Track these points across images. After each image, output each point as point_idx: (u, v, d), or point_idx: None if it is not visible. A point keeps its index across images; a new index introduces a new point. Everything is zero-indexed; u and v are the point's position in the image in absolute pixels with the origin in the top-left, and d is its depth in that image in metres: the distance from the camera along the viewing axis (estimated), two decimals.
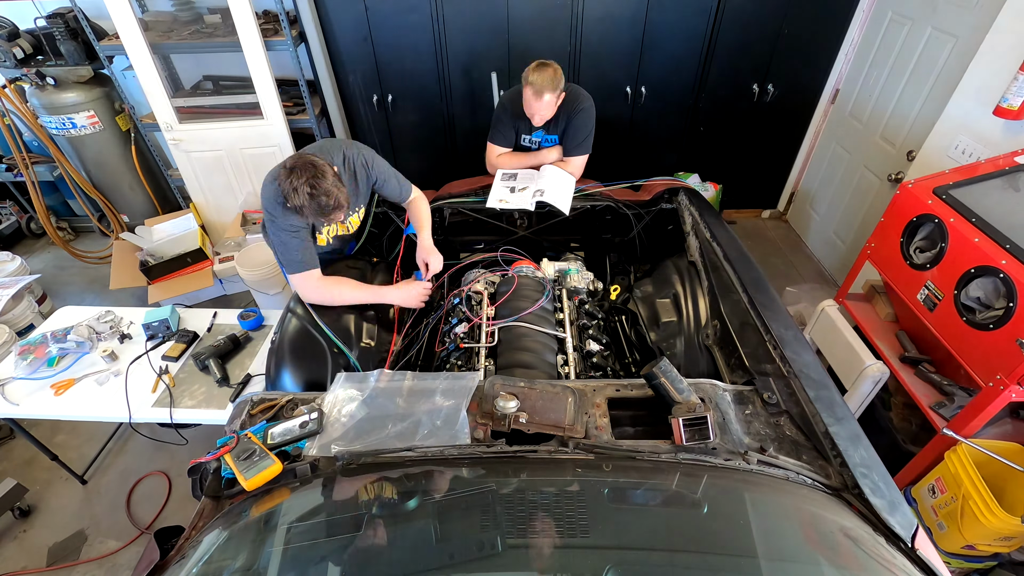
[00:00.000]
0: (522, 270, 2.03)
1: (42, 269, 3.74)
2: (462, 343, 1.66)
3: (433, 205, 2.06)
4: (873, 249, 2.04)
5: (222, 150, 3.27)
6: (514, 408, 1.16)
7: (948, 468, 1.70)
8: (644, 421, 1.25)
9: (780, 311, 1.44)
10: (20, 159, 3.39)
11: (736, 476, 1.05)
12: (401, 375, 1.27)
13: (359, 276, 1.86)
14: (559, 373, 1.56)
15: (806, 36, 3.22)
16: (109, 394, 1.86)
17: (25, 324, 2.61)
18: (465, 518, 0.96)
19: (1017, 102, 1.96)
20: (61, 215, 4.09)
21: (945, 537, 1.73)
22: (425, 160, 3.73)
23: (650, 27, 3.15)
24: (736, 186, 3.89)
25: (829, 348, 2.22)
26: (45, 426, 2.60)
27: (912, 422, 2.04)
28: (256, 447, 1.09)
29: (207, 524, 1.03)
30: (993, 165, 1.84)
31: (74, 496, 2.35)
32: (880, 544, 0.93)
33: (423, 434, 1.10)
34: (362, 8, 3.06)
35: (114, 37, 2.95)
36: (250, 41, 2.87)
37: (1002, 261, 1.51)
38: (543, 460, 1.07)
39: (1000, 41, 2.11)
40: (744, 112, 3.52)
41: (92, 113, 3.23)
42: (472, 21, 3.11)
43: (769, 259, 3.67)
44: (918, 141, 2.61)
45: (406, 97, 3.43)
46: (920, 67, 2.71)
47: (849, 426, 1.13)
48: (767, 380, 1.28)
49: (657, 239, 2.21)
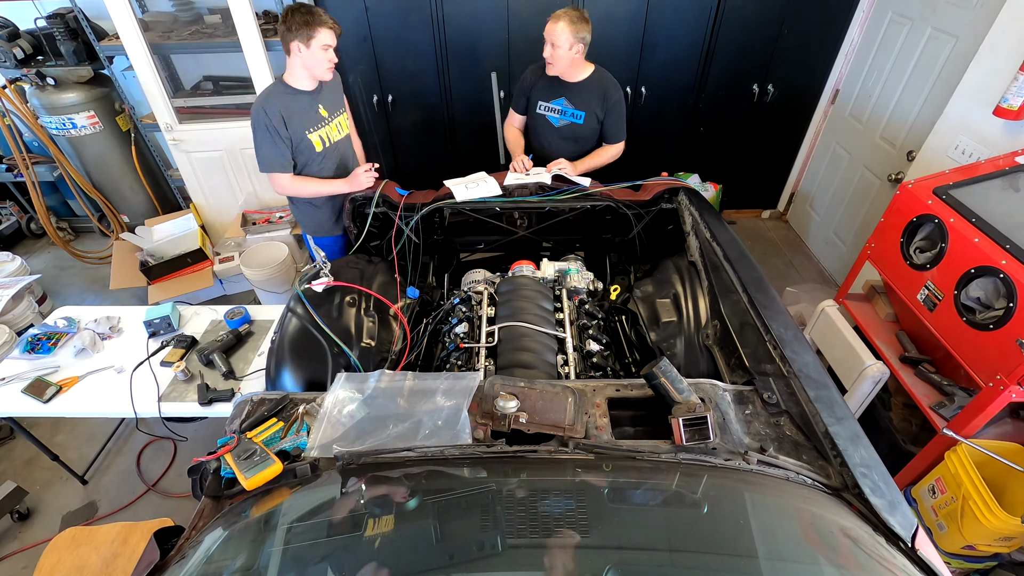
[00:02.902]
0: (522, 270, 2.04)
1: (42, 269, 3.74)
2: (462, 343, 1.66)
3: (433, 205, 2.06)
4: (873, 249, 2.04)
5: (222, 150, 3.27)
6: (514, 408, 1.16)
7: (948, 468, 1.70)
8: (644, 421, 1.25)
9: (780, 311, 1.44)
10: (20, 159, 3.39)
11: (736, 476, 1.05)
12: (402, 375, 1.27)
13: (359, 275, 1.86)
14: (559, 373, 1.55)
15: (806, 36, 3.22)
16: (111, 392, 1.87)
17: (25, 324, 2.61)
18: (465, 518, 0.96)
19: (1017, 102, 1.96)
20: (61, 215, 4.09)
21: (945, 537, 1.73)
22: (425, 160, 3.73)
23: (650, 27, 3.15)
24: (736, 186, 3.89)
25: (829, 348, 2.23)
26: (45, 426, 2.60)
27: (912, 422, 2.04)
28: (256, 447, 1.09)
29: (207, 524, 1.03)
30: (993, 165, 1.84)
31: (74, 496, 2.35)
32: (880, 544, 0.93)
33: (424, 434, 1.10)
34: (362, 8, 3.06)
35: (114, 37, 2.95)
36: (250, 41, 2.87)
37: (1002, 261, 1.51)
38: (543, 460, 1.07)
39: (1000, 41, 2.11)
40: (744, 112, 3.52)
41: (92, 113, 3.23)
42: (472, 21, 3.11)
43: (769, 259, 3.68)
44: (918, 141, 2.61)
45: (406, 97, 3.43)
46: (920, 67, 2.71)
47: (849, 426, 1.13)
48: (767, 380, 1.28)
49: (657, 239, 2.21)
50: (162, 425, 1.86)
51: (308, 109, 2.11)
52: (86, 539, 1.61)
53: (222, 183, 3.42)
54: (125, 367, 1.95)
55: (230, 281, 3.29)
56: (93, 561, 1.56)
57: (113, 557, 1.56)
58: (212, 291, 3.26)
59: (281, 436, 1.18)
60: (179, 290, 3.12)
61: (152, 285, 3.17)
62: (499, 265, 2.24)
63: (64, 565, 1.55)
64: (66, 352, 2.02)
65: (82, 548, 1.59)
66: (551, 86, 2.31)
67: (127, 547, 1.58)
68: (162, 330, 2.09)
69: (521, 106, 2.45)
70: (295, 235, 3.28)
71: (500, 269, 2.17)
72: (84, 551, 1.58)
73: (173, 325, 2.10)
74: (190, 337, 2.05)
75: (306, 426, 1.19)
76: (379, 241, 2.25)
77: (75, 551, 1.58)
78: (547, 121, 2.40)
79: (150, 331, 2.07)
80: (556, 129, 2.40)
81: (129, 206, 3.68)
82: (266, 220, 3.37)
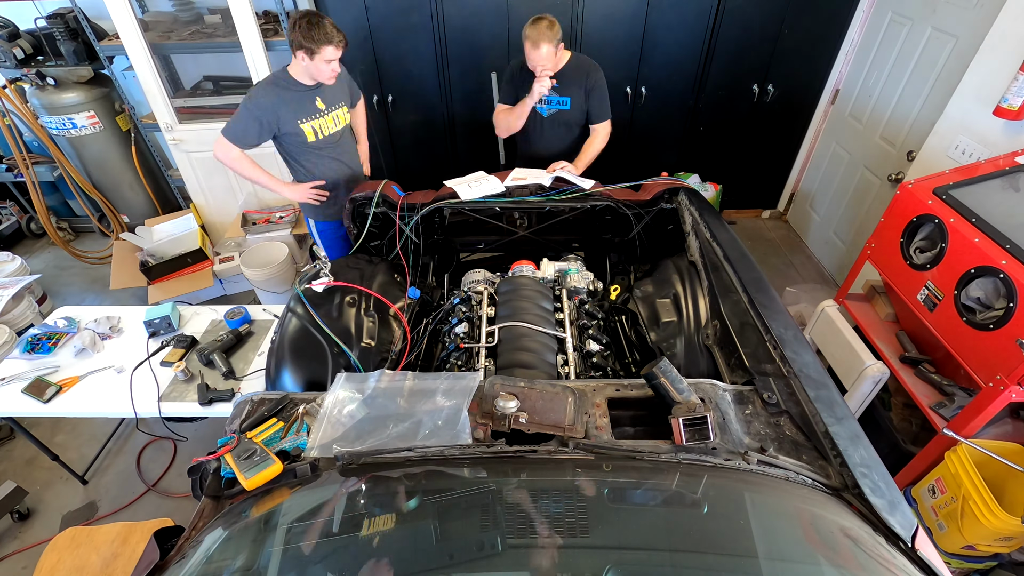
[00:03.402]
0: (522, 270, 2.03)
1: (42, 269, 3.74)
2: (462, 343, 1.66)
3: (433, 205, 2.06)
4: (873, 249, 2.04)
5: None
6: (514, 408, 1.16)
7: (948, 468, 1.70)
8: (644, 421, 1.25)
9: (780, 311, 1.44)
10: (20, 159, 3.39)
11: (736, 476, 1.05)
12: (402, 375, 1.27)
13: (359, 276, 1.86)
14: (559, 373, 1.55)
15: (806, 36, 3.22)
16: (111, 392, 1.87)
17: (25, 324, 2.61)
18: (465, 518, 0.96)
19: (1017, 102, 1.96)
20: (61, 215, 4.09)
21: (945, 537, 1.73)
22: (425, 160, 3.73)
23: (650, 27, 3.15)
24: (736, 186, 3.89)
25: (829, 348, 2.22)
26: (45, 426, 2.60)
27: (912, 422, 2.04)
28: (256, 447, 1.09)
29: (207, 524, 1.03)
30: (993, 165, 1.84)
31: (74, 496, 2.35)
32: (880, 544, 0.93)
33: (424, 434, 1.10)
34: (362, 8, 3.06)
35: (114, 37, 2.95)
36: (250, 41, 2.87)
37: (1002, 261, 1.51)
38: (543, 460, 1.07)
39: (1000, 41, 2.11)
40: (744, 112, 3.52)
41: (92, 113, 3.24)
42: (472, 21, 3.11)
43: (769, 259, 3.68)
44: (918, 141, 2.61)
45: (406, 97, 3.43)
46: (920, 67, 2.71)
47: (849, 426, 1.13)
48: (767, 380, 1.28)
49: (657, 239, 2.21)
50: (162, 425, 1.87)
51: (304, 100, 2.18)
52: (86, 539, 1.61)
53: (222, 183, 3.42)
54: (125, 367, 1.95)
55: (230, 281, 3.29)
56: (93, 561, 1.56)
57: (113, 557, 1.56)
58: (212, 291, 3.26)
59: (281, 436, 1.18)
60: (179, 290, 3.12)
61: (152, 285, 3.17)
62: (499, 265, 2.24)
63: (64, 565, 1.55)
64: (66, 352, 2.02)
65: (82, 548, 1.59)
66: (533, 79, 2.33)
67: (127, 547, 1.58)
68: (162, 330, 2.09)
69: (511, 98, 2.48)
70: (295, 235, 3.29)
71: (500, 269, 2.17)
72: (84, 551, 1.58)
73: (173, 325, 2.10)
74: (190, 337, 2.06)
75: (306, 426, 1.19)
76: (379, 241, 2.25)
77: (75, 551, 1.58)
78: (536, 112, 2.44)
79: (150, 331, 2.07)
80: (545, 119, 2.45)
81: (129, 206, 3.68)
82: (266, 220, 3.38)
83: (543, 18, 2.16)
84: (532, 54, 2.19)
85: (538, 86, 2.25)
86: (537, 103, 2.38)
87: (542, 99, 2.35)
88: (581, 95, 2.37)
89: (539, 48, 2.15)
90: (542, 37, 2.13)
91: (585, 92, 2.36)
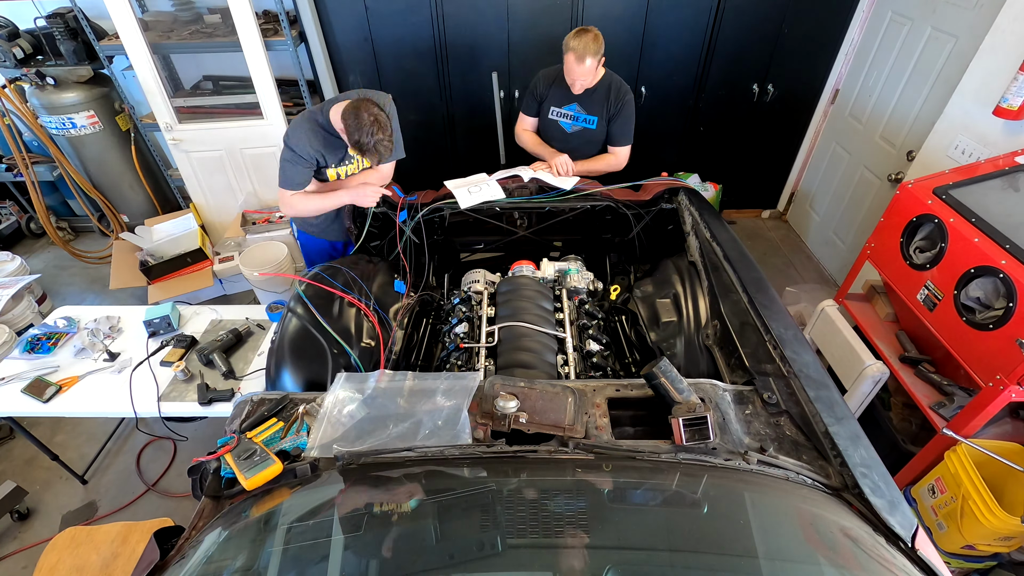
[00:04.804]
0: (522, 270, 2.04)
1: (42, 269, 3.74)
2: (462, 343, 1.66)
3: (433, 205, 2.07)
4: (873, 249, 2.04)
5: (222, 150, 3.27)
6: (514, 408, 1.16)
7: (948, 468, 1.70)
8: (644, 421, 1.25)
9: (780, 311, 1.44)
10: (20, 159, 3.38)
11: (736, 476, 1.05)
12: (402, 375, 1.27)
13: (359, 276, 1.86)
14: (559, 373, 1.55)
15: (806, 36, 3.22)
16: (111, 392, 1.87)
17: (25, 324, 2.61)
18: (465, 518, 0.96)
19: (1017, 102, 1.96)
20: (61, 215, 4.09)
21: (945, 537, 1.73)
22: (425, 160, 3.72)
23: (650, 27, 3.15)
24: (736, 186, 3.89)
25: (829, 348, 2.23)
26: (45, 426, 2.60)
27: (912, 422, 2.04)
28: (256, 447, 1.09)
29: (207, 524, 1.03)
30: (993, 165, 1.84)
31: (74, 496, 2.35)
32: (880, 544, 0.93)
33: (424, 434, 1.10)
34: (362, 8, 3.06)
35: (114, 37, 2.95)
36: (250, 41, 2.87)
37: (1002, 261, 1.51)
38: (543, 460, 1.07)
39: (1000, 41, 2.11)
40: (744, 112, 3.52)
41: (92, 113, 3.23)
42: (472, 21, 3.11)
43: (769, 259, 3.68)
44: (918, 141, 2.61)
45: (406, 97, 3.42)
46: (920, 67, 2.71)
47: (849, 426, 1.13)
48: (767, 380, 1.28)
49: (657, 239, 2.21)
50: (162, 425, 1.87)
51: (340, 148, 2.06)
52: (86, 539, 1.61)
53: (222, 183, 3.42)
54: (125, 367, 1.95)
55: (230, 281, 3.29)
56: (93, 561, 1.55)
57: (113, 557, 1.56)
58: (212, 291, 3.26)
59: (281, 436, 1.18)
60: (179, 290, 3.12)
61: (152, 285, 3.16)
62: (499, 265, 2.24)
63: (64, 565, 1.55)
64: (66, 352, 2.02)
65: (82, 548, 1.59)
66: (563, 92, 2.30)
67: (127, 547, 1.58)
68: (162, 330, 2.08)
69: (533, 110, 2.44)
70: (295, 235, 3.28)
71: (500, 269, 2.17)
72: (84, 551, 1.58)
73: (173, 325, 2.10)
74: (190, 337, 2.05)
75: (306, 426, 1.19)
76: (379, 241, 2.25)
77: (75, 551, 1.58)
78: (559, 126, 2.39)
79: (150, 331, 2.07)
80: (569, 134, 2.40)
81: (129, 206, 3.67)
82: (266, 220, 3.37)
83: (588, 30, 2.06)
84: (575, 67, 2.09)
85: (556, 167, 2.21)
86: (562, 119, 2.36)
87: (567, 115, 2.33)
88: (607, 115, 2.32)
89: (583, 62, 2.06)
90: (587, 50, 2.04)
91: (611, 112, 2.31)
